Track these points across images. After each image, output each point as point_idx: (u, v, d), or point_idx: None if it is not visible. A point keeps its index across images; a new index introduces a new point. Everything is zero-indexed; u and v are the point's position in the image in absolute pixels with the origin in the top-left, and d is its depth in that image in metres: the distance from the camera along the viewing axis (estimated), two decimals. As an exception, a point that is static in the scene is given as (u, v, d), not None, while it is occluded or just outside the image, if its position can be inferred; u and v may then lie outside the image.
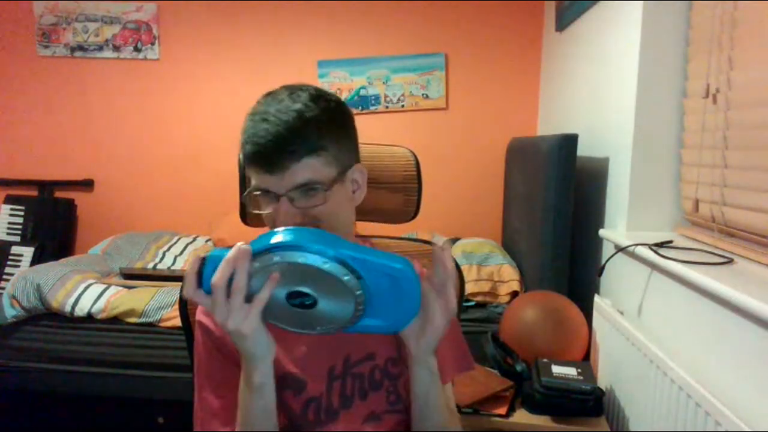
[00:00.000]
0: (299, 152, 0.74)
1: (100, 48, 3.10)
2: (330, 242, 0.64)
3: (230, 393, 0.80)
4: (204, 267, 0.66)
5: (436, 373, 0.79)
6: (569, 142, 1.87)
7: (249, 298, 0.66)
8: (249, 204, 0.79)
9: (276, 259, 0.63)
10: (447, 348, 0.91)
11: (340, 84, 3.03)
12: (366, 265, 0.65)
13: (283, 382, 0.82)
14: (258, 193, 0.77)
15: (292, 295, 0.66)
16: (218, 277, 0.64)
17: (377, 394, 0.86)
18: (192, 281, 0.66)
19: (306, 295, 0.66)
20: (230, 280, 0.65)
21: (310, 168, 0.74)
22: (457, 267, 1.11)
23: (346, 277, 0.64)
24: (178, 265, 2.62)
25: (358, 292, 0.65)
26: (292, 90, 0.79)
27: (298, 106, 0.76)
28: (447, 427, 0.84)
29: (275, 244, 0.64)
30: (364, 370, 0.86)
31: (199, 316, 0.85)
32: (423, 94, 3.04)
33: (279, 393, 0.79)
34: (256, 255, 0.64)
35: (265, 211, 0.77)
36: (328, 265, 0.63)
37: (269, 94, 0.81)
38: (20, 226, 2.98)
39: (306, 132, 0.74)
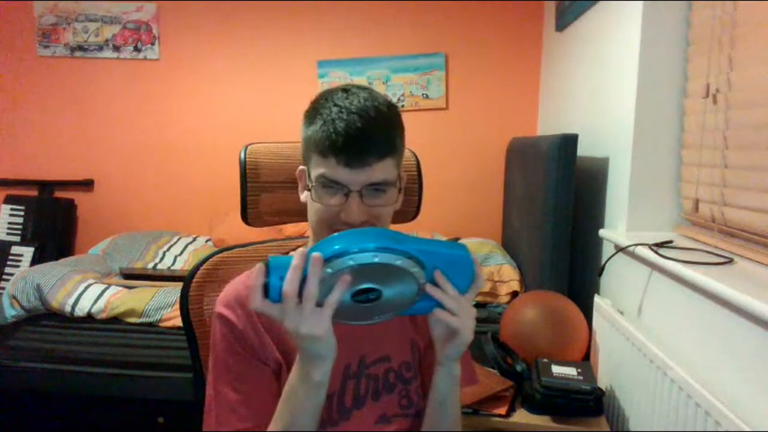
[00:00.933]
0: (382, 151, 0.76)
1: (100, 48, 3.10)
2: (395, 240, 0.68)
3: (248, 388, 0.79)
4: (269, 277, 0.66)
5: (457, 380, 0.81)
6: (569, 142, 1.87)
7: (318, 302, 0.67)
8: (312, 193, 0.78)
9: (350, 263, 0.65)
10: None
11: (340, 84, 3.03)
12: (429, 255, 0.69)
13: None
14: (324, 183, 0.77)
15: (357, 293, 0.68)
16: (289, 286, 0.65)
17: (390, 397, 0.86)
18: (259, 293, 0.66)
19: (372, 290, 0.68)
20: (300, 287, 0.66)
21: (385, 168, 0.77)
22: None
23: (414, 269, 0.68)
24: (178, 265, 2.62)
25: (422, 281, 0.70)
26: (360, 88, 0.81)
27: (380, 106, 0.78)
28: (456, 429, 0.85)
29: (344, 249, 0.65)
30: (378, 372, 0.86)
31: (220, 308, 0.83)
32: (423, 94, 3.05)
33: None
34: (327, 260, 0.65)
35: (331, 203, 0.77)
36: (400, 261, 0.67)
37: (338, 89, 0.81)
38: (20, 226, 2.98)
39: (390, 132, 0.78)
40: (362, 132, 0.74)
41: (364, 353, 0.86)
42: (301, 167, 0.85)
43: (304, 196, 0.85)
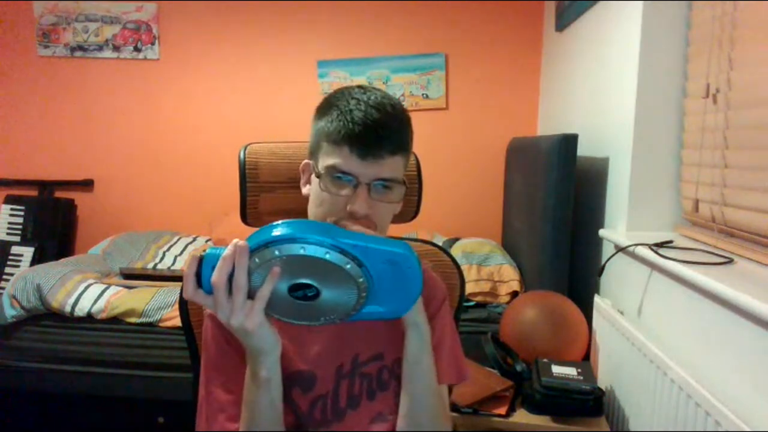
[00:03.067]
0: (395, 146, 0.77)
1: (100, 48, 3.10)
2: (328, 232, 0.64)
3: (238, 388, 0.80)
4: (201, 266, 0.65)
5: (426, 339, 0.81)
6: (569, 142, 1.87)
7: (251, 294, 0.66)
8: (321, 183, 0.78)
9: (276, 253, 0.63)
10: (442, 356, 0.90)
11: (340, 84, 3.02)
12: (367, 252, 0.64)
13: (292, 379, 0.82)
14: (334, 173, 0.77)
15: (293, 288, 0.66)
16: (218, 276, 0.64)
17: (385, 395, 0.86)
18: (191, 282, 0.66)
19: (308, 286, 0.66)
20: (231, 278, 0.64)
21: (396, 164, 0.78)
22: (457, 267, 1.11)
23: (348, 266, 0.64)
24: (178, 265, 2.62)
25: (360, 280, 0.65)
26: (376, 88, 0.82)
27: (396, 104, 0.79)
28: (435, 405, 0.83)
29: (273, 237, 0.63)
30: (372, 370, 0.86)
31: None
32: (423, 94, 3.04)
33: (287, 390, 0.79)
34: (255, 251, 0.64)
35: (339, 193, 0.77)
36: (329, 255, 0.63)
37: (355, 87, 0.81)
38: (20, 226, 2.98)
39: (404, 129, 0.79)
40: (379, 124, 0.75)
41: (357, 352, 0.86)
42: (306, 161, 0.86)
43: (306, 189, 0.85)
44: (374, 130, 0.75)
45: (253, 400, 0.75)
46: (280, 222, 0.65)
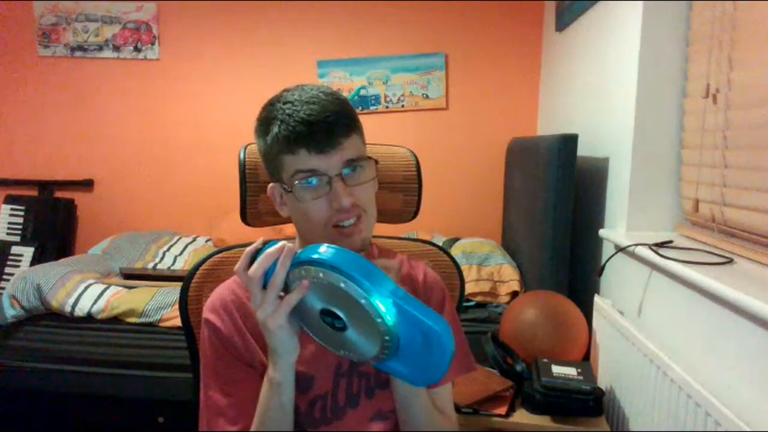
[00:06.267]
0: (349, 128, 0.77)
1: (100, 48, 3.10)
2: (375, 278, 0.62)
3: (237, 391, 0.80)
4: (258, 254, 0.68)
5: (414, 391, 0.80)
6: (569, 142, 1.87)
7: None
8: (295, 195, 0.77)
9: (320, 275, 0.63)
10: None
11: (340, 84, 3.03)
12: (404, 313, 0.62)
13: None
14: (303, 178, 0.76)
15: (325, 312, 0.67)
16: (255, 268, 0.67)
17: (384, 393, 0.86)
18: (245, 261, 0.68)
19: (338, 317, 0.66)
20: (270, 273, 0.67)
21: (354, 143, 0.78)
22: (457, 267, 1.11)
23: (378, 320, 0.62)
24: (178, 265, 2.62)
25: (386, 338, 0.63)
26: (296, 87, 0.81)
27: (326, 90, 0.79)
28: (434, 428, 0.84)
29: (323, 260, 0.63)
30: (370, 369, 0.86)
31: (206, 314, 0.84)
32: (423, 94, 3.04)
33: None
34: (305, 263, 0.65)
35: (316, 197, 0.76)
36: (364, 301, 0.61)
37: (279, 94, 0.81)
38: (20, 226, 2.98)
39: (348, 110, 0.78)
40: (322, 115, 0.75)
41: None
42: (271, 185, 0.84)
43: (285, 210, 0.84)
44: (320, 122, 0.74)
45: (264, 402, 0.76)
46: (337, 247, 0.64)
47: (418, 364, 0.65)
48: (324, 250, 0.64)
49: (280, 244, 0.68)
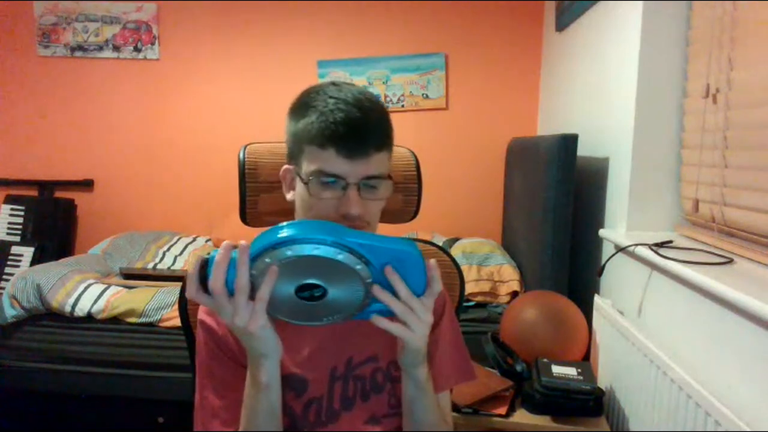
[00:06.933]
0: (380, 142, 0.76)
1: (100, 48, 3.10)
2: (336, 231, 0.64)
3: (232, 393, 0.79)
4: (207, 268, 0.65)
5: (422, 385, 0.79)
6: (569, 142, 1.87)
7: (254, 296, 0.65)
8: (309, 187, 0.75)
9: (289, 253, 0.62)
10: (448, 359, 0.91)
11: (340, 84, 3.03)
12: (374, 251, 0.64)
13: (285, 383, 0.81)
14: (321, 177, 0.75)
15: (300, 288, 0.66)
16: (214, 282, 0.64)
17: (379, 397, 0.86)
18: (194, 282, 0.65)
19: (315, 287, 0.65)
20: (232, 280, 0.64)
21: (381, 161, 0.77)
22: (457, 267, 1.11)
23: (358, 266, 0.64)
24: (178, 265, 2.62)
25: (368, 280, 0.65)
26: (348, 83, 0.80)
27: (373, 98, 0.78)
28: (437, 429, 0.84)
29: (283, 238, 0.62)
30: (366, 372, 0.86)
31: (201, 315, 0.84)
32: (423, 94, 3.04)
33: (281, 394, 0.79)
34: (265, 251, 0.63)
35: (329, 197, 0.75)
36: (341, 256, 0.63)
37: (327, 84, 0.79)
38: (20, 226, 2.98)
39: (386, 125, 0.78)
40: (362, 122, 0.74)
41: (351, 354, 0.85)
42: (286, 166, 0.83)
43: (291, 194, 0.84)
44: (358, 128, 0.73)
45: (252, 405, 0.75)
46: (286, 223, 0.65)
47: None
48: (284, 230, 0.63)
49: (225, 245, 0.64)
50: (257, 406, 0.74)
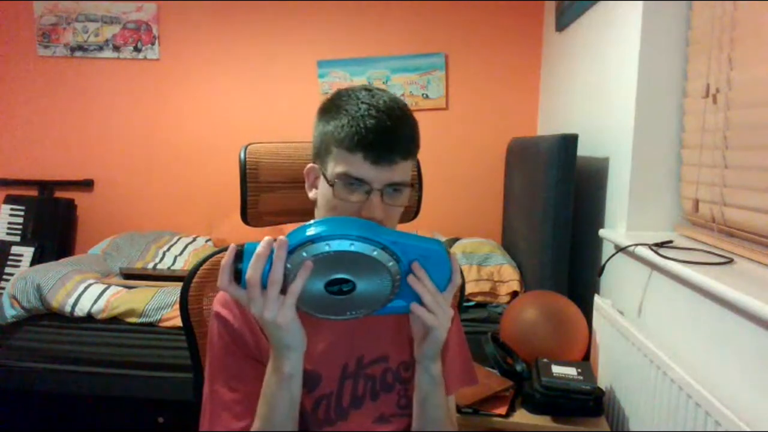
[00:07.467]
0: (407, 151, 0.77)
1: (100, 48, 3.10)
2: (372, 229, 0.67)
3: (244, 386, 0.79)
4: (242, 260, 0.67)
5: (437, 380, 0.80)
6: (569, 142, 1.87)
7: (285, 289, 0.66)
8: (335, 189, 0.76)
9: (326, 248, 0.64)
10: (455, 361, 0.91)
11: (340, 84, 3.02)
12: (405, 248, 0.68)
13: None
14: (347, 180, 0.76)
15: (330, 283, 0.67)
16: (252, 273, 0.66)
17: (388, 397, 0.86)
18: (227, 274, 0.67)
19: (345, 281, 0.67)
20: (267, 271, 0.66)
21: (406, 169, 0.79)
22: (457, 267, 1.11)
23: (389, 263, 0.66)
24: (178, 265, 2.62)
25: (397, 276, 0.68)
26: (380, 89, 0.81)
27: (404, 107, 0.80)
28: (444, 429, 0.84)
29: (318, 234, 0.65)
30: (376, 372, 0.86)
31: (217, 307, 0.83)
32: (423, 94, 3.04)
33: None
34: (302, 245, 0.65)
35: (352, 200, 0.76)
36: (376, 252, 0.65)
37: (360, 88, 0.80)
38: (20, 226, 2.98)
39: (415, 133, 0.80)
40: (392, 130, 0.75)
41: (361, 353, 0.86)
42: (311, 165, 0.84)
43: (313, 193, 0.84)
44: (388, 136, 0.75)
45: (272, 396, 0.74)
46: (322, 219, 0.69)
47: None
48: (322, 225, 0.66)
49: (266, 240, 0.66)
50: (278, 397, 0.74)
